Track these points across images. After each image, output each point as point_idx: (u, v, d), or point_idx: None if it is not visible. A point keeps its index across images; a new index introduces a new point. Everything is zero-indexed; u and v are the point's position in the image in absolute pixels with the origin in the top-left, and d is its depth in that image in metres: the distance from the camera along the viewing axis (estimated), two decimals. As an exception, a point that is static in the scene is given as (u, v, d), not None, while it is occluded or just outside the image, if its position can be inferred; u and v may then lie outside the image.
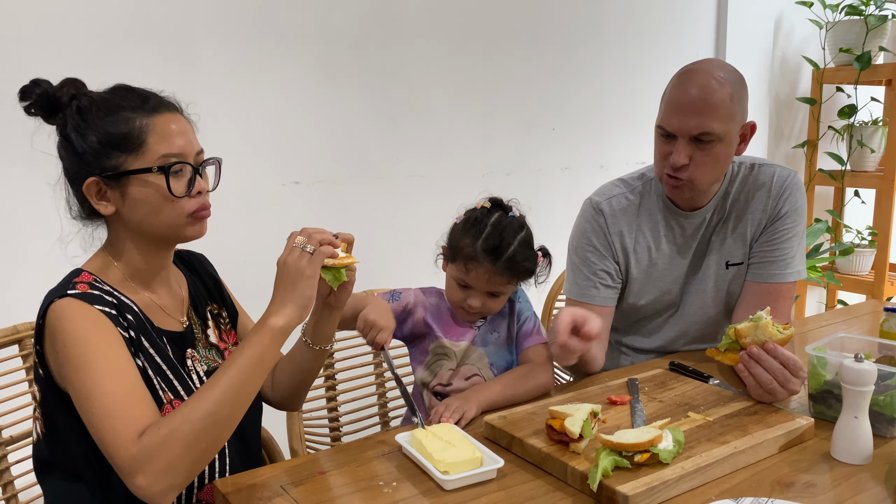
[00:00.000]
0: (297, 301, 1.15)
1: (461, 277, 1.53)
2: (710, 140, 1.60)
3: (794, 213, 1.75)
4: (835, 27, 3.52)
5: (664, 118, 1.64)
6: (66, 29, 1.95)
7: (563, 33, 2.94)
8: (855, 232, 3.71)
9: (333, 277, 1.23)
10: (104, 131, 1.18)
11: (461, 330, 1.60)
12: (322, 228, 1.21)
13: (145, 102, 1.21)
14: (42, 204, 1.93)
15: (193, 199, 1.22)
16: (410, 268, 2.12)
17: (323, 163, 2.45)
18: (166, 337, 1.27)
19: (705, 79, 1.60)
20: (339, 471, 1.21)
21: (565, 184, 3.01)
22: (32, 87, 1.21)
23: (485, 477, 1.17)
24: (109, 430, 1.07)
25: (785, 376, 1.37)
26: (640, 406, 1.38)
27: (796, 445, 1.28)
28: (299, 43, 2.35)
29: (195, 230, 1.25)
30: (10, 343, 1.51)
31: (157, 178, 1.19)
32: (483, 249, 1.49)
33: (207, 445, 1.08)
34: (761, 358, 1.38)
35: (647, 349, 1.86)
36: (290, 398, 1.47)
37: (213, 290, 1.45)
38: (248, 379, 1.11)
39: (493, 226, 1.52)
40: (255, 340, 1.13)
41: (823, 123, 3.68)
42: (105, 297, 1.18)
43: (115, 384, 1.10)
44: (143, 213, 1.21)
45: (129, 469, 1.05)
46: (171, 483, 1.06)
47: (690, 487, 1.13)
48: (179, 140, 1.21)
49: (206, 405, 1.07)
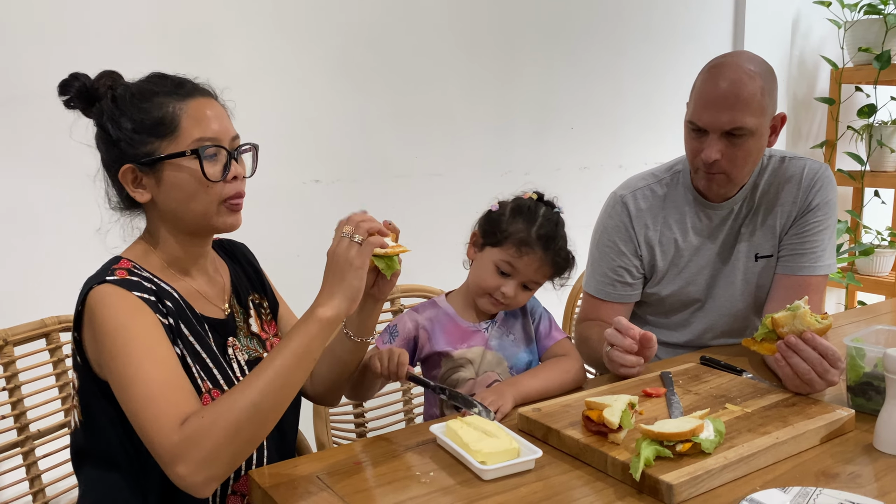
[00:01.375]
0: (346, 292, 1.12)
1: (510, 261, 1.51)
2: (743, 135, 1.58)
3: (824, 206, 1.73)
4: (853, 26, 3.50)
5: (695, 113, 1.62)
6: (86, 27, 1.95)
7: (581, 33, 2.93)
8: (875, 232, 3.68)
9: (386, 266, 1.19)
10: (138, 118, 1.18)
11: (468, 334, 1.57)
12: (369, 216, 1.17)
13: (180, 88, 1.21)
14: (66, 199, 1.95)
15: (229, 184, 1.21)
16: (429, 265, 2.11)
17: (342, 161, 2.45)
18: (208, 324, 1.26)
19: (736, 73, 1.58)
20: (374, 462, 1.20)
21: (584, 183, 3.00)
22: (71, 80, 1.21)
23: (523, 468, 1.15)
24: (150, 418, 1.05)
25: (823, 366, 1.34)
26: (677, 398, 1.36)
27: (837, 437, 1.26)
28: (318, 43, 2.35)
29: (228, 221, 1.23)
30: (37, 337, 1.51)
31: (191, 163, 1.18)
32: (538, 236, 1.50)
33: (250, 436, 1.07)
34: (799, 347, 1.35)
35: (676, 343, 1.84)
36: (329, 392, 1.43)
37: (254, 279, 1.44)
38: (293, 369, 1.09)
39: (545, 217, 1.53)
40: (302, 330, 1.10)
41: (842, 123, 3.66)
42: (144, 283, 1.17)
43: (156, 371, 1.08)
44: (177, 200, 1.20)
45: (169, 458, 1.03)
46: (212, 473, 1.04)
47: (733, 477, 1.11)
48: (214, 124, 1.20)
49: (250, 395, 1.05)
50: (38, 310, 1.56)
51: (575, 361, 1.56)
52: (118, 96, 1.20)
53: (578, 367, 1.55)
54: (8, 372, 1.46)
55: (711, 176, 1.65)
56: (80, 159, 1.94)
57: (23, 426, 1.47)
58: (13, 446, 1.46)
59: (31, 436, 1.48)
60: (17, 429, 1.47)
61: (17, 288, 1.91)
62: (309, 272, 1.74)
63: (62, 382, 1.54)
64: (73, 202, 1.97)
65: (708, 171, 1.64)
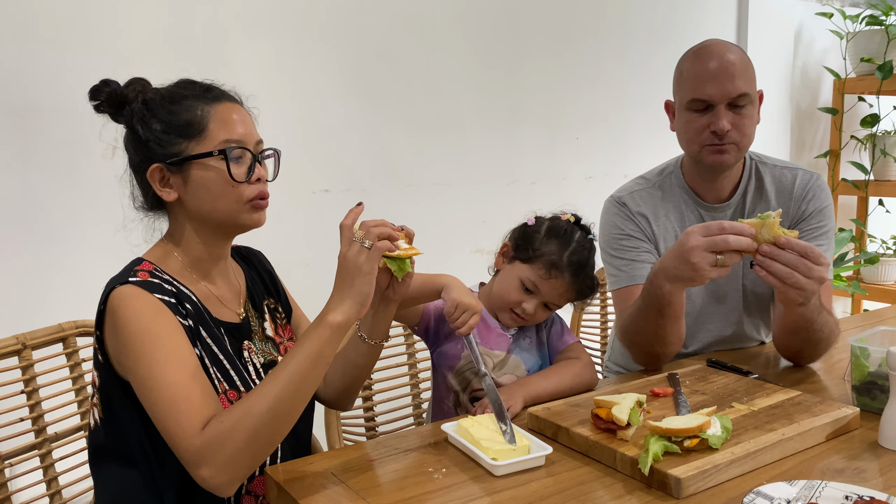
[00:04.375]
0: (355, 297, 1.14)
1: (536, 282, 1.53)
2: (746, 103, 1.65)
3: (819, 214, 1.75)
4: (855, 37, 3.54)
5: (697, 90, 1.66)
6: (100, 39, 2.00)
7: (587, 45, 2.98)
8: (879, 241, 3.70)
9: (399, 268, 1.21)
10: (167, 119, 1.22)
11: (496, 338, 1.59)
12: (381, 220, 1.18)
13: (208, 92, 1.26)
14: (81, 206, 1.99)
15: (253, 185, 1.24)
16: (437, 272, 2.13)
17: (352, 171, 2.48)
18: (223, 328, 1.29)
19: (724, 48, 1.68)
20: (387, 459, 1.22)
21: (590, 193, 3.02)
22: (102, 86, 1.25)
23: (534, 464, 1.17)
24: (174, 422, 1.09)
25: (806, 265, 1.31)
26: (684, 397, 1.38)
27: (842, 435, 1.28)
28: (330, 53, 2.39)
29: (254, 218, 1.26)
30: (55, 341, 1.53)
31: (217, 163, 1.22)
32: (570, 262, 1.52)
33: (268, 439, 1.10)
34: (775, 254, 1.31)
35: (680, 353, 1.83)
36: (342, 396, 1.45)
37: (269, 285, 1.47)
38: (307, 375, 1.12)
39: (579, 243, 1.55)
40: (313, 336, 1.13)
41: (845, 133, 3.69)
42: (165, 285, 1.20)
43: (179, 375, 1.12)
44: (203, 199, 1.23)
45: (193, 461, 1.08)
46: (233, 475, 1.09)
47: (740, 472, 1.13)
48: (240, 128, 1.24)
49: (266, 401, 1.09)
50: (56, 314, 1.59)
51: (586, 365, 1.57)
52: (148, 100, 1.24)
53: (589, 370, 1.56)
54: (26, 375, 1.48)
55: (723, 147, 1.65)
56: (94, 167, 2.00)
57: (40, 429, 1.50)
58: (31, 448, 1.48)
59: (49, 438, 1.51)
60: (34, 431, 1.49)
61: (34, 293, 1.95)
62: (318, 280, 1.77)
63: (79, 386, 1.56)
64: (88, 209, 2.01)
65: (719, 144, 1.65)
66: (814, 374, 1.63)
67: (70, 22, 1.95)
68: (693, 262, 1.36)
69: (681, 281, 1.44)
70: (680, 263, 1.40)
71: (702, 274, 1.37)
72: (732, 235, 1.34)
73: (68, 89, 1.96)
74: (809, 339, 1.59)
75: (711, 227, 1.36)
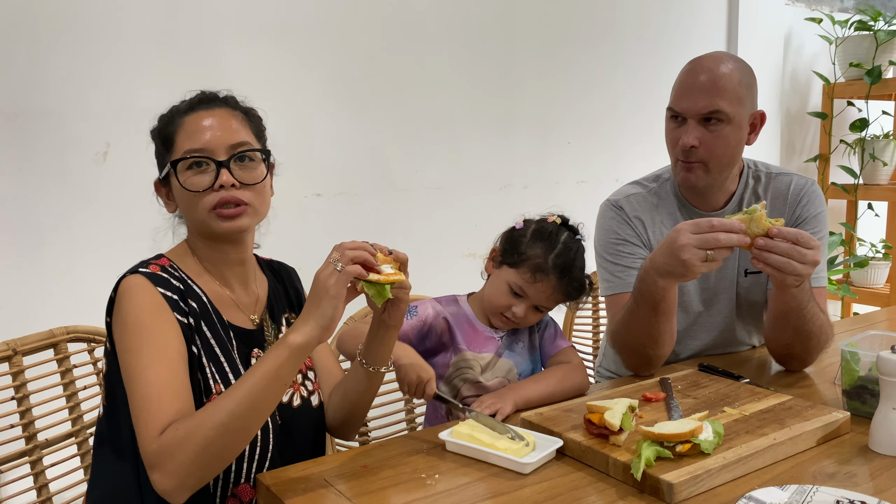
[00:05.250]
0: (319, 320, 1.11)
1: (522, 286, 1.53)
2: (720, 120, 1.62)
3: (813, 220, 1.75)
4: (844, 42, 3.56)
5: (673, 100, 1.67)
6: (92, 38, 1.99)
7: (579, 50, 2.99)
8: (869, 245, 3.72)
9: (377, 293, 1.16)
10: (160, 134, 1.28)
11: (483, 340, 1.60)
12: (360, 243, 1.15)
13: (193, 103, 1.28)
14: (72, 213, 1.98)
15: (215, 192, 1.23)
16: (430, 279, 2.13)
17: (344, 175, 2.48)
18: (234, 332, 1.29)
19: (714, 63, 1.64)
20: (380, 465, 1.22)
21: (582, 197, 3.03)
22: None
23: (551, 457, 1.21)
24: (142, 420, 1.11)
25: (800, 252, 1.35)
26: (676, 402, 1.39)
27: (833, 439, 1.29)
28: (320, 56, 2.39)
29: (223, 226, 1.24)
30: (46, 347, 1.53)
31: (181, 174, 1.24)
32: (555, 265, 1.51)
33: (219, 452, 1.10)
34: (770, 246, 1.35)
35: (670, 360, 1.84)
36: (343, 424, 1.42)
37: (293, 300, 1.46)
38: (262, 394, 1.10)
39: (565, 244, 1.54)
40: (272, 355, 1.11)
41: (835, 137, 3.71)
42: (172, 281, 1.22)
43: (158, 375, 1.13)
44: (183, 210, 1.29)
45: (148, 463, 1.09)
46: (182, 483, 1.08)
47: (732, 477, 1.13)
48: (205, 135, 1.24)
49: (220, 415, 1.08)
50: (47, 320, 1.59)
51: (577, 370, 1.57)
52: (159, 117, 1.31)
53: (581, 375, 1.57)
54: (17, 382, 1.47)
55: (689, 165, 1.66)
56: (86, 171, 2.00)
57: (31, 435, 1.49)
58: (21, 455, 1.48)
59: (39, 445, 1.50)
60: (25, 438, 1.48)
61: (25, 299, 1.94)
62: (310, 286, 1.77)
63: (70, 392, 1.56)
64: (80, 214, 2.00)
65: (686, 161, 1.65)
66: (804, 379, 1.64)
67: (61, 25, 1.94)
68: (684, 259, 1.38)
69: (672, 277, 1.46)
70: (670, 260, 1.42)
71: (692, 270, 1.39)
72: (723, 233, 1.36)
73: (60, 92, 1.96)
74: (800, 328, 1.58)
75: (701, 225, 1.38)
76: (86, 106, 1.99)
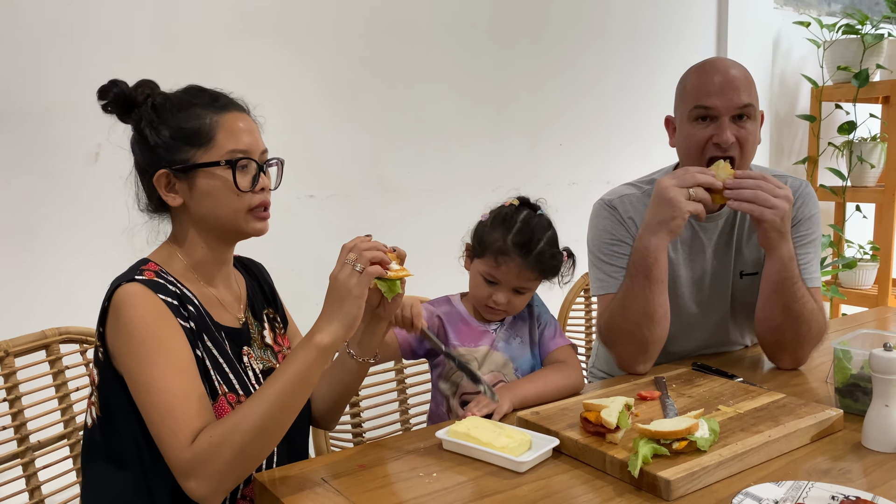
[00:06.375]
0: (343, 320, 1.15)
1: (490, 272, 1.54)
2: (751, 116, 1.66)
3: (807, 222, 1.76)
4: (832, 46, 3.59)
5: (704, 99, 1.65)
6: (83, 38, 1.98)
7: (570, 52, 3.00)
8: (857, 246, 3.75)
9: (389, 289, 1.23)
10: (176, 126, 1.24)
11: (477, 334, 1.60)
12: (374, 242, 1.20)
13: (216, 101, 1.27)
14: (65, 213, 1.97)
15: (257, 194, 1.27)
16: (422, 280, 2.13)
17: (336, 177, 2.48)
18: (224, 332, 1.30)
19: (729, 63, 1.69)
20: (378, 464, 1.22)
21: (573, 199, 3.04)
22: (110, 86, 1.27)
23: (547, 455, 1.21)
24: (167, 429, 1.11)
25: (769, 187, 1.51)
26: (671, 401, 1.40)
27: (827, 436, 1.30)
28: (312, 57, 2.38)
29: (256, 227, 1.28)
30: (38, 348, 1.51)
31: (224, 172, 1.24)
32: (514, 244, 1.51)
33: (255, 454, 1.12)
34: (738, 183, 1.52)
35: (663, 360, 1.84)
36: (327, 414, 1.45)
37: (269, 296, 1.48)
38: (293, 394, 1.14)
39: (523, 222, 1.54)
40: (301, 356, 1.14)
41: (823, 140, 3.74)
42: (168, 286, 1.21)
43: (176, 381, 1.13)
44: (208, 206, 1.25)
45: (182, 472, 1.10)
46: (219, 487, 1.11)
47: (728, 474, 1.14)
48: (246, 137, 1.26)
49: (254, 418, 1.11)
50: (39, 321, 1.57)
51: (574, 369, 1.58)
52: (157, 105, 1.26)
53: (578, 376, 1.57)
54: (8, 383, 1.46)
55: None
56: (77, 172, 1.98)
57: (23, 437, 1.48)
58: (13, 457, 1.46)
59: (31, 447, 1.49)
60: (17, 440, 1.47)
61: (16, 300, 1.92)
62: (303, 287, 1.77)
63: (62, 393, 1.55)
64: (71, 214, 1.99)
65: (723, 156, 1.66)
66: (797, 377, 1.65)
67: (52, 26, 1.93)
68: (669, 198, 1.53)
69: (663, 228, 1.56)
70: (659, 208, 1.55)
71: (679, 207, 1.52)
72: (699, 173, 1.54)
73: (50, 93, 1.95)
74: (790, 307, 1.60)
75: (677, 172, 1.57)
76: (77, 106, 1.97)
